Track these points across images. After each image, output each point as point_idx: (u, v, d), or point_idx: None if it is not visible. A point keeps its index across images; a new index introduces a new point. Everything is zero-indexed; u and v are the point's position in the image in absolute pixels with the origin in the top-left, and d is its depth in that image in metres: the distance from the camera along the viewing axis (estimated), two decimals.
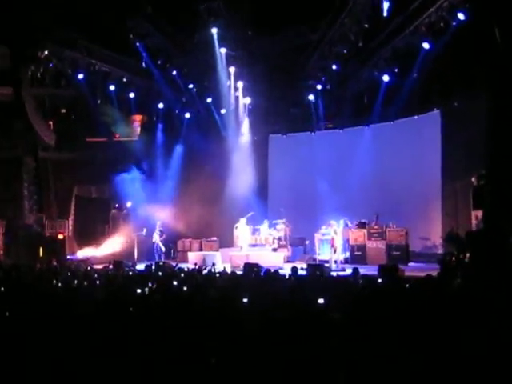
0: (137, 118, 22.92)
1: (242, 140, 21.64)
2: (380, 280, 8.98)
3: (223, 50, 18.83)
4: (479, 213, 13.06)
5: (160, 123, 22.11)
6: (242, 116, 21.37)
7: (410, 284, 7.51)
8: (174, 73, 19.80)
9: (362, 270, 10.56)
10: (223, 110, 21.12)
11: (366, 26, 15.79)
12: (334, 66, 18.30)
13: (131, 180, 20.35)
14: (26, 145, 19.97)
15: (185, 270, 11.40)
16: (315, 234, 17.29)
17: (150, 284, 8.12)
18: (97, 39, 18.23)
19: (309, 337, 4.26)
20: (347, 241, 17.05)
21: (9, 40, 17.44)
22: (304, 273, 11.63)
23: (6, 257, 17.23)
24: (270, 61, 18.71)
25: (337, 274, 11.96)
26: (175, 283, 8.27)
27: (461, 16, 13.85)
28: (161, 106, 21.43)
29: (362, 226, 17.17)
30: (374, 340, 4.18)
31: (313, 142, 21.41)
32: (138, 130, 23.06)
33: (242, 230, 17.84)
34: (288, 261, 17.14)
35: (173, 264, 14.13)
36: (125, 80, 19.89)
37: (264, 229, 18.28)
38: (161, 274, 10.68)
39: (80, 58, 18.50)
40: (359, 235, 17.01)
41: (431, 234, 17.80)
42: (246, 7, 17.01)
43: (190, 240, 19.75)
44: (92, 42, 18.46)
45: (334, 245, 15.54)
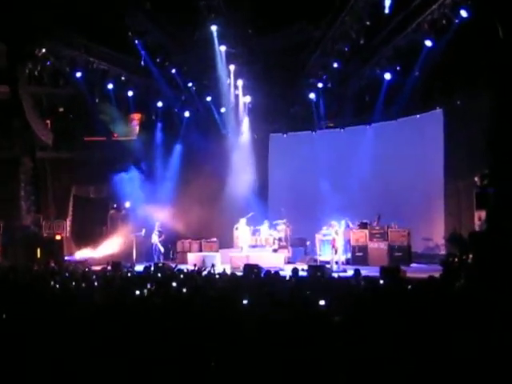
0: (135, 116, 22.91)
1: (242, 139, 21.64)
2: (382, 281, 8.97)
3: (223, 48, 18.81)
4: (482, 213, 13.05)
5: (159, 122, 22.10)
6: (242, 115, 21.36)
7: (412, 285, 7.52)
8: (174, 71, 19.79)
9: (364, 272, 10.54)
10: (223, 109, 21.10)
11: (368, 23, 15.77)
12: (335, 64, 18.28)
13: (130, 180, 20.34)
14: (23, 144, 19.96)
15: (184, 271, 11.41)
16: (316, 235, 17.30)
17: (149, 285, 8.13)
18: (95, 37, 18.19)
19: (309, 339, 4.26)
20: (348, 241, 17.08)
21: (6, 37, 17.43)
22: (305, 274, 11.63)
23: (3, 258, 17.23)
24: (270, 59, 18.69)
25: (338, 275, 11.96)
26: (174, 285, 8.28)
27: (463, 13, 13.83)
28: (160, 104, 21.42)
29: (363, 226, 17.20)
30: (375, 342, 4.19)
31: (314, 141, 21.40)
32: (137, 129, 23.05)
33: (242, 231, 17.85)
34: (289, 262, 17.16)
35: (172, 265, 14.11)
36: (123, 78, 19.87)
37: (264, 229, 18.28)
38: (160, 275, 10.68)
39: (78, 56, 18.48)
40: (361, 236, 17.04)
41: (434, 235, 17.81)
42: (246, 4, 17.00)
43: (189, 241, 19.75)
44: (90, 40, 18.42)
45: (335, 245, 15.55)
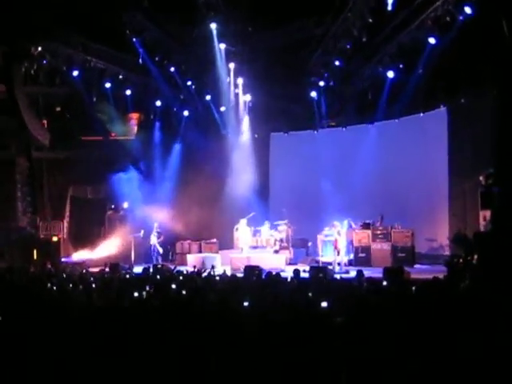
0: (133, 116, 22.92)
1: (243, 138, 21.65)
2: (385, 283, 8.98)
3: (222, 46, 18.83)
4: (487, 213, 13.04)
5: (157, 121, 22.10)
6: (242, 114, 21.37)
7: (416, 287, 7.50)
8: (172, 69, 19.79)
9: (367, 273, 10.56)
10: (223, 108, 21.11)
11: (370, 20, 15.75)
12: (337, 62, 18.27)
13: (128, 180, 20.34)
14: (19, 144, 19.96)
15: (184, 272, 11.42)
16: (318, 236, 17.28)
17: (148, 287, 8.13)
18: (92, 35, 18.19)
19: (311, 341, 4.26)
20: (351, 242, 17.08)
21: (1, 36, 17.40)
22: (306, 275, 11.66)
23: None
24: (270, 56, 18.69)
25: (340, 276, 11.94)
26: (174, 286, 8.27)
27: (468, 10, 13.81)
28: (158, 103, 21.42)
29: (366, 226, 17.19)
30: (378, 344, 4.18)
31: (315, 141, 21.39)
32: (135, 129, 23.07)
33: (242, 232, 17.85)
34: (290, 263, 17.14)
35: (171, 267, 14.14)
36: (121, 77, 19.86)
37: (265, 230, 18.27)
38: (159, 277, 10.68)
39: (75, 55, 18.47)
40: (363, 236, 17.03)
41: (438, 235, 17.80)
42: (246, 1, 17.02)
43: (188, 242, 19.74)
44: (87, 38, 18.42)
45: (337, 246, 15.55)
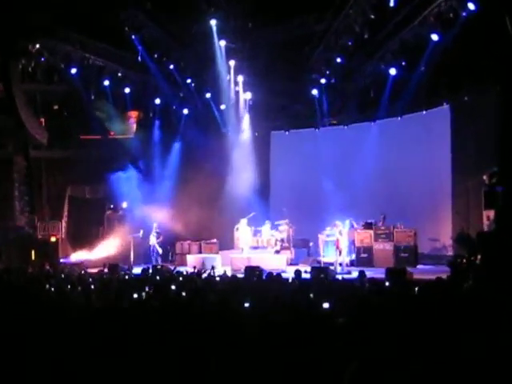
0: (132, 114, 22.94)
1: (243, 137, 21.66)
2: (387, 283, 8.99)
3: (223, 43, 18.83)
4: (491, 213, 13.04)
5: (157, 120, 22.13)
6: (243, 112, 21.37)
7: (418, 287, 7.51)
8: (172, 67, 19.81)
9: (369, 273, 10.57)
10: (223, 106, 21.12)
11: (372, 16, 15.76)
12: (339, 59, 18.27)
13: (127, 179, 20.35)
14: (16, 143, 19.97)
15: (183, 273, 11.44)
16: (319, 236, 17.32)
17: (147, 288, 8.14)
18: (90, 32, 18.20)
19: (313, 342, 4.27)
20: (353, 242, 17.09)
21: None
22: (308, 276, 11.66)
23: None
24: (271, 54, 18.68)
25: (342, 277, 11.95)
26: (173, 287, 8.28)
27: (471, 6, 13.83)
28: (157, 101, 21.44)
29: (368, 226, 17.20)
30: (380, 346, 4.19)
31: (317, 139, 21.41)
32: (134, 127, 23.09)
33: (242, 232, 17.87)
34: (291, 263, 17.15)
35: (171, 267, 14.17)
36: (120, 74, 19.88)
37: (266, 230, 18.28)
38: (158, 277, 10.70)
39: (73, 52, 18.47)
40: (365, 236, 17.03)
41: (441, 235, 17.81)
42: None
43: (188, 242, 19.77)
44: (86, 35, 18.43)
45: (339, 246, 15.55)
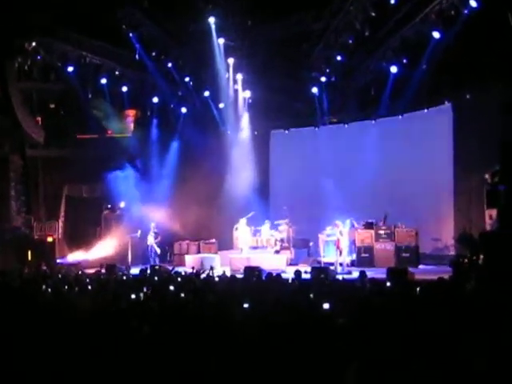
0: (130, 112, 22.92)
1: (242, 136, 21.64)
2: (388, 284, 8.99)
3: (221, 41, 18.84)
4: (493, 212, 13.05)
5: (155, 118, 22.12)
6: (242, 110, 21.36)
7: (420, 288, 7.52)
8: (170, 65, 19.82)
9: (370, 273, 10.57)
10: (221, 104, 21.12)
11: (373, 14, 15.78)
12: (339, 57, 18.28)
13: (124, 179, 20.33)
14: (12, 142, 19.92)
15: (182, 274, 11.44)
16: (319, 235, 17.32)
17: (145, 289, 8.14)
18: (87, 30, 18.21)
19: (313, 344, 4.27)
20: (353, 242, 17.08)
21: None
22: (308, 276, 11.68)
23: None
24: (270, 51, 18.69)
25: (342, 277, 11.96)
26: (172, 288, 8.29)
27: (473, 3, 13.83)
28: (155, 100, 21.43)
29: (369, 226, 17.20)
30: (382, 347, 4.19)
31: (317, 138, 21.39)
32: (132, 126, 23.06)
33: (242, 232, 17.86)
34: (291, 264, 17.14)
35: (169, 268, 14.18)
36: (117, 73, 19.89)
37: (265, 230, 18.27)
38: (156, 278, 10.70)
39: (70, 50, 18.48)
40: (366, 236, 17.04)
41: (443, 235, 17.80)
42: None
43: (187, 242, 19.77)
44: (82, 33, 18.43)
45: (339, 246, 15.56)
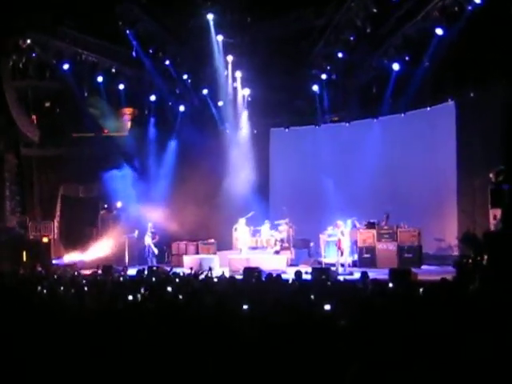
0: (127, 111, 22.90)
1: (241, 134, 21.66)
2: (391, 285, 8.99)
3: (220, 38, 18.83)
4: (498, 211, 13.03)
5: (152, 117, 22.10)
6: (241, 108, 21.37)
7: (423, 289, 7.50)
8: (167, 62, 19.78)
9: (372, 274, 10.53)
10: (220, 102, 21.12)
11: (375, 10, 15.78)
12: (340, 55, 18.28)
13: (121, 178, 20.33)
14: (7, 141, 19.89)
15: (180, 274, 11.42)
16: (320, 236, 17.32)
17: (143, 290, 8.12)
18: (83, 27, 18.19)
19: (314, 346, 4.25)
20: (355, 242, 17.08)
21: None
22: (309, 277, 11.68)
23: None
24: (270, 48, 18.67)
25: (344, 278, 11.97)
26: (169, 289, 8.27)
27: None
28: (153, 98, 21.41)
29: (370, 226, 17.19)
30: (384, 349, 4.17)
31: (317, 136, 21.39)
32: (129, 125, 23.05)
33: (241, 232, 17.85)
34: (291, 264, 17.14)
35: (167, 268, 14.16)
36: (114, 70, 19.86)
37: (265, 230, 18.26)
38: (154, 279, 10.69)
39: (65, 47, 18.46)
40: (368, 236, 17.03)
41: (446, 235, 17.80)
42: None
43: (185, 242, 19.75)
44: (78, 30, 18.40)
45: (340, 247, 15.54)
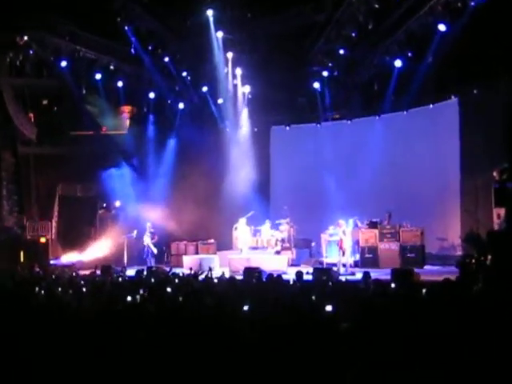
0: (126, 109, 22.93)
1: (241, 132, 21.66)
2: (393, 285, 8.98)
3: (220, 34, 18.82)
4: (501, 210, 13.04)
5: (151, 115, 22.13)
6: (241, 106, 21.36)
7: (426, 289, 7.51)
8: (167, 59, 19.80)
9: (374, 275, 10.54)
10: (220, 100, 21.12)
11: (376, 6, 15.77)
12: (342, 51, 18.28)
13: (120, 177, 20.35)
14: (4, 139, 19.96)
15: (179, 275, 11.41)
16: (322, 235, 17.30)
17: (142, 291, 8.13)
18: (81, 23, 18.18)
19: (315, 347, 4.26)
20: (357, 242, 17.07)
21: None
22: (310, 278, 11.66)
23: None
24: (271, 45, 18.68)
25: (346, 278, 11.95)
26: (169, 290, 8.28)
27: None
28: (152, 95, 21.43)
29: (373, 225, 17.17)
30: (386, 351, 4.18)
31: (318, 134, 21.39)
32: (127, 123, 23.08)
33: (241, 231, 17.85)
34: (292, 264, 17.15)
35: (166, 269, 14.15)
36: (112, 68, 19.88)
37: (266, 230, 18.26)
38: (153, 280, 10.68)
39: (63, 44, 18.47)
40: (370, 236, 17.02)
41: (449, 234, 17.80)
42: None
43: (184, 242, 19.75)
44: (76, 26, 18.40)
45: (342, 247, 15.53)
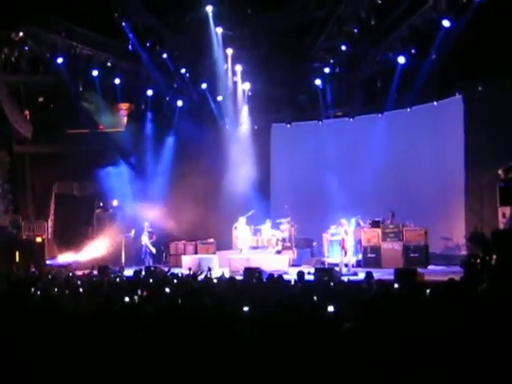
0: (123, 106, 22.91)
1: (241, 130, 21.64)
2: (396, 285, 8.98)
3: (219, 30, 18.80)
4: (507, 209, 13.04)
5: (149, 112, 22.11)
6: (241, 103, 21.34)
7: (430, 289, 7.50)
8: (165, 56, 19.78)
9: (376, 275, 10.55)
10: (220, 97, 21.10)
11: (379, 1, 15.76)
12: (344, 47, 18.26)
13: (117, 175, 20.36)
14: None
15: (178, 275, 11.42)
16: (323, 235, 17.32)
17: (140, 292, 8.13)
18: (78, 19, 18.17)
19: (317, 348, 4.25)
20: (359, 242, 17.08)
21: None
22: (311, 278, 11.67)
23: None
24: (271, 41, 18.68)
25: (348, 278, 11.93)
26: (168, 290, 8.28)
27: None
28: (150, 92, 21.41)
29: (375, 225, 17.18)
30: (389, 352, 4.17)
31: (320, 132, 21.38)
32: (125, 120, 23.06)
33: (241, 231, 17.85)
34: (293, 264, 17.15)
35: (165, 269, 14.17)
36: (109, 64, 19.86)
37: (266, 229, 18.27)
38: (151, 280, 10.68)
39: (59, 41, 18.46)
40: (373, 235, 17.02)
41: (453, 234, 17.80)
42: None
43: (183, 242, 19.76)
44: (72, 22, 18.39)
45: (344, 246, 15.54)
